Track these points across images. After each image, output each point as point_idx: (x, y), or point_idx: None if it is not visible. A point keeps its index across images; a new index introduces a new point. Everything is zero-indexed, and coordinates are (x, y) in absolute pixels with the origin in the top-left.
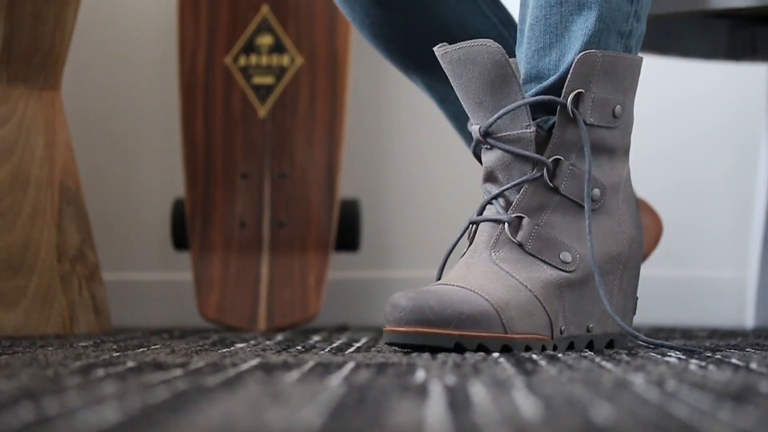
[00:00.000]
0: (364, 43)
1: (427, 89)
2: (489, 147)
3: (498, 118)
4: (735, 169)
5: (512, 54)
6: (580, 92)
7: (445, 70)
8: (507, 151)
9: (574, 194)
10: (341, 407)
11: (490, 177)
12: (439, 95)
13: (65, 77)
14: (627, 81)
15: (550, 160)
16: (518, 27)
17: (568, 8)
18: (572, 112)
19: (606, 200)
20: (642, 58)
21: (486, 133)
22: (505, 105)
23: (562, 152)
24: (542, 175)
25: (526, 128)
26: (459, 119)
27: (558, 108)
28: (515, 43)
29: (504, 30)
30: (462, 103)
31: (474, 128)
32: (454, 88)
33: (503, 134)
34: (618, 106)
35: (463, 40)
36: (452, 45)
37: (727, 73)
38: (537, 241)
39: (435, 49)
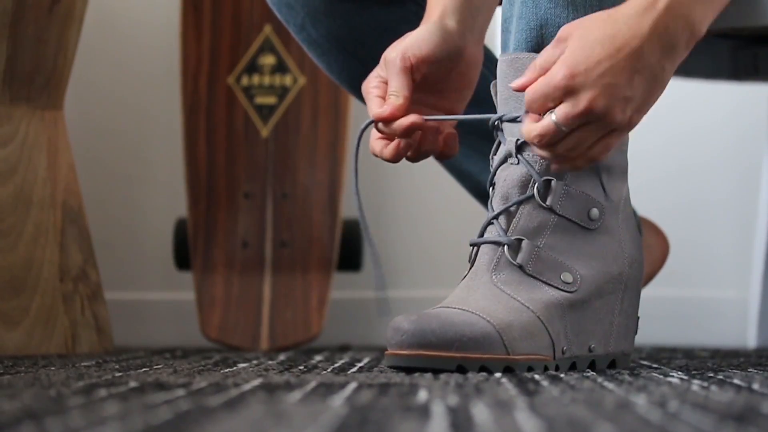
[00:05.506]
0: None
1: None
2: (516, 162)
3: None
4: (737, 190)
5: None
6: None
7: (501, 77)
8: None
9: (572, 214)
10: (343, 428)
11: (502, 195)
12: None
13: (68, 97)
14: None
15: (542, 180)
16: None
17: (550, 32)
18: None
19: (605, 220)
20: None
21: (520, 148)
22: None
23: (553, 172)
24: (533, 195)
25: None
26: (447, 164)
27: None
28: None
29: (484, 68)
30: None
31: (511, 140)
32: (505, 97)
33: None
34: None
35: None
36: (524, 53)
37: (731, 96)
38: (537, 263)
39: (503, 54)
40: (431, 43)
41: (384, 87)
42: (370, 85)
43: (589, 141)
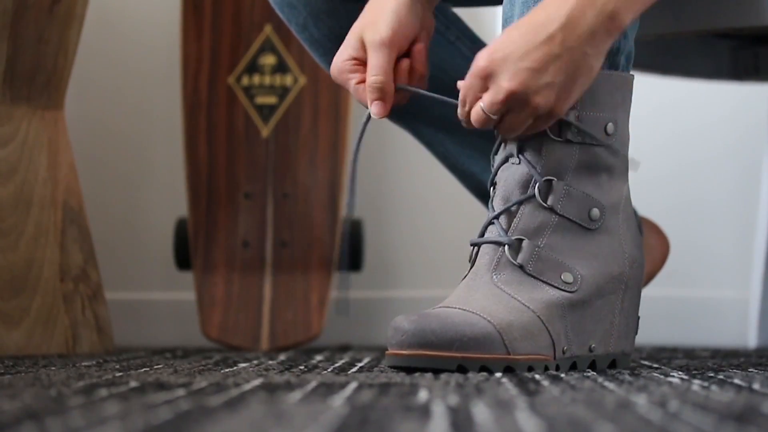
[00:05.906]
0: None
1: (415, 134)
2: (518, 161)
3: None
4: (738, 190)
5: None
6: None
7: None
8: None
9: (572, 214)
10: (344, 428)
11: (502, 195)
12: (427, 138)
13: (68, 97)
14: (617, 98)
15: (543, 180)
16: None
17: None
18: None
19: (606, 220)
20: (633, 75)
21: (522, 147)
22: None
23: (554, 172)
24: (534, 195)
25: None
26: (447, 159)
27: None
28: None
29: None
30: None
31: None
32: None
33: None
34: (610, 124)
35: (445, 84)
36: None
37: (731, 96)
38: (538, 263)
39: None
40: (416, 28)
41: (362, 69)
42: (347, 69)
43: (522, 125)
